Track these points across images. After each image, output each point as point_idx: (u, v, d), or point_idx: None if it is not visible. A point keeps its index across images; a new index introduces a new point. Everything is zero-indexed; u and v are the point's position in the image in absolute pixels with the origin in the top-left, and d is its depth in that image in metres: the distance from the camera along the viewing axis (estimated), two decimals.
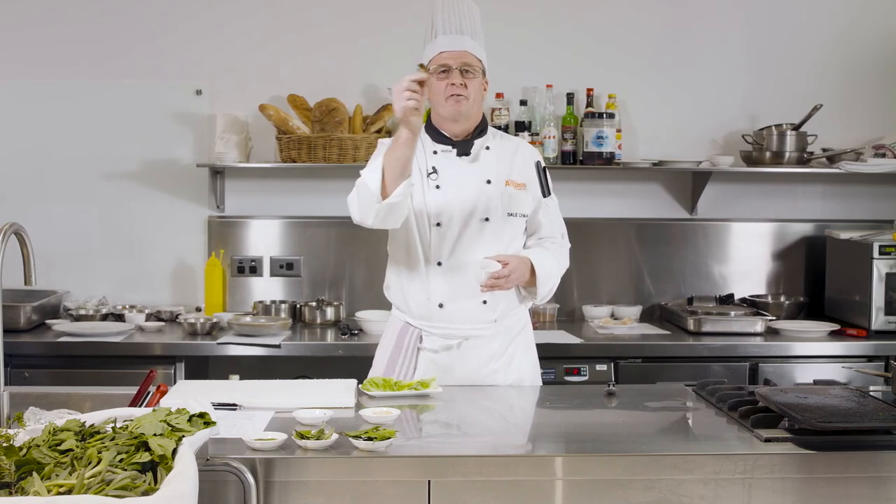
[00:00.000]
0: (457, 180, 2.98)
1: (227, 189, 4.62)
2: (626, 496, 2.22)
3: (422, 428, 2.60)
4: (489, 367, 3.00)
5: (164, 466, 1.87)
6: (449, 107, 2.97)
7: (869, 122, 4.71)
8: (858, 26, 4.72)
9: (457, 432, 2.59)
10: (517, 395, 2.91)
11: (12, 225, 2.45)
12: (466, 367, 2.99)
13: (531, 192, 3.05)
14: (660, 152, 4.61)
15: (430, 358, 3.01)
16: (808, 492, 2.26)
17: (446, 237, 2.96)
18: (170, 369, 3.92)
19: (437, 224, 2.96)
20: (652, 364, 4.02)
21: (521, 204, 3.03)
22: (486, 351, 3.01)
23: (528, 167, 3.08)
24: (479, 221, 2.96)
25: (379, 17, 4.58)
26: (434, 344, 3.01)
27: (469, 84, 2.95)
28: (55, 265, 4.43)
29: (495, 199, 2.99)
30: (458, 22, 2.97)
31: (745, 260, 4.72)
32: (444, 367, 2.98)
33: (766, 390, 2.63)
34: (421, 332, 3.02)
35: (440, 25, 2.98)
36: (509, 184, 3.01)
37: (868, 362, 4.03)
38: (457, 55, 2.95)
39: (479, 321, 2.99)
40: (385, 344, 3.11)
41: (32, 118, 4.56)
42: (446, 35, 2.97)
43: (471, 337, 2.99)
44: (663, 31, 4.67)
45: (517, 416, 2.76)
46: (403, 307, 3.06)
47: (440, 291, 2.98)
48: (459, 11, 2.98)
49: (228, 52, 4.57)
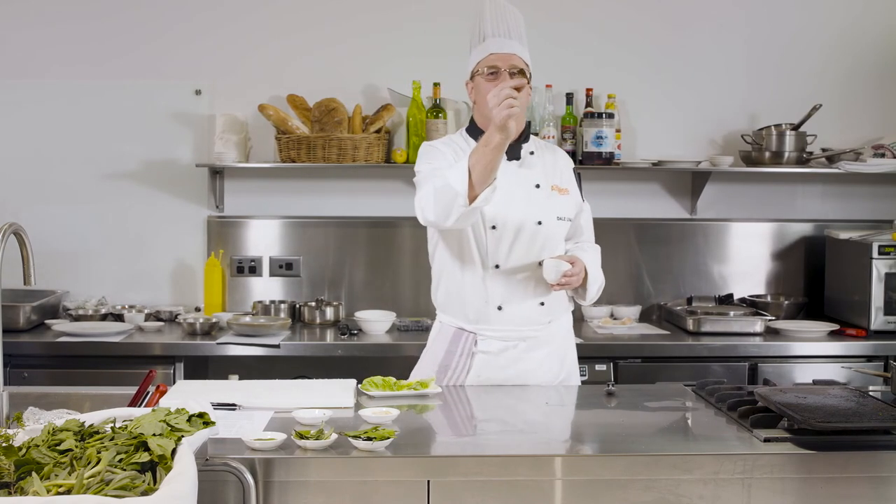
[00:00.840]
0: (508, 184, 2.97)
1: (226, 189, 4.62)
2: (626, 496, 2.22)
3: (421, 428, 2.59)
4: (543, 368, 3.03)
5: (164, 466, 1.87)
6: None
7: (868, 122, 4.71)
8: (858, 26, 4.72)
9: (456, 432, 2.59)
10: (517, 396, 2.90)
11: (12, 225, 2.45)
12: (521, 368, 3.01)
13: (573, 198, 3.11)
14: (659, 152, 4.61)
15: (485, 360, 3.02)
16: (808, 492, 2.26)
17: (502, 240, 2.98)
18: (169, 369, 3.92)
19: (493, 227, 2.98)
20: (651, 364, 4.02)
21: (567, 208, 3.08)
22: (541, 352, 3.04)
23: (569, 173, 3.15)
24: (533, 225, 2.99)
25: (379, 17, 4.58)
26: (491, 346, 3.02)
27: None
28: (55, 265, 4.43)
29: (545, 202, 3.03)
30: (507, 26, 3.00)
31: (744, 260, 4.72)
32: (500, 369, 3.01)
33: (765, 390, 2.63)
34: (476, 336, 3.03)
35: (489, 29, 2.99)
36: (554, 189, 3.07)
37: (867, 362, 4.03)
38: (505, 57, 2.97)
39: (536, 323, 3.02)
40: (435, 349, 3.10)
41: (32, 118, 4.56)
42: (495, 38, 2.98)
43: (528, 338, 3.02)
44: (663, 31, 4.67)
45: (517, 416, 2.76)
46: (458, 311, 3.05)
47: (498, 294, 2.99)
48: (506, 17, 3.01)
49: (228, 52, 4.58)
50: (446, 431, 2.61)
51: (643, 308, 4.59)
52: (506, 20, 3.00)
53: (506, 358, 3.01)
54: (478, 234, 2.99)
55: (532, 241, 2.99)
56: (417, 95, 4.43)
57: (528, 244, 2.99)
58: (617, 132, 4.51)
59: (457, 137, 3.13)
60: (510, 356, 3.01)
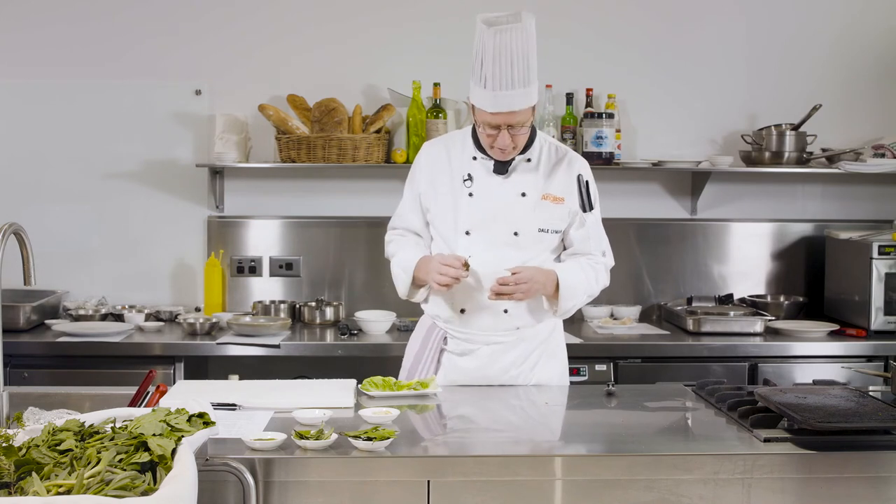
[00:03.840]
0: (490, 192, 2.97)
1: (226, 189, 4.62)
2: (626, 496, 2.22)
3: (421, 428, 2.59)
4: (509, 374, 3.02)
5: (164, 466, 1.87)
6: (494, 153, 2.94)
7: (868, 122, 4.71)
8: (858, 26, 4.72)
9: (456, 432, 2.59)
10: (518, 396, 2.91)
11: (12, 225, 2.45)
12: (487, 373, 3.00)
13: (568, 207, 3.00)
14: (659, 152, 4.61)
15: (452, 360, 3.03)
16: (808, 492, 2.26)
17: (473, 247, 2.96)
18: (169, 369, 3.92)
19: (467, 233, 2.97)
20: (651, 364, 4.02)
21: (555, 220, 2.99)
22: (507, 357, 3.01)
23: (570, 180, 3.02)
24: (508, 235, 2.96)
25: (378, 17, 4.58)
26: (457, 347, 3.03)
27: (516, 138, 2.89)
28: (55, 265, 4.44)
29: (528, 213, 2.97)
30: (510, 75, 2.77)
31: (744, 260, 4.72)
32: (465, 371, 3.01)
33: (765, 390, 2.63)
34: (446, 334, 3.04)
35: (489, 78, 2.78)
36: (546, 198, 2.98)
37: (867, 362, 4.03)
38: (505, 117, 2.82)
39: (499, 329, 3.00)
40: (413, 342, 3.14)
41: (32, 118, 4.56)
42: (495, 92, 2.78)
43: (491, 343, 3.00)
44: (663, 31, 4.67)
45: (517, 416, 2.76)
46: (433, 308, 3.07)
47: (462, 297, 2.98)
48: (511, 56, 2.77)
49: (228, 52, 4.57)
50: (446, 431, 2.61)
51: (643, 308, 4.59)
52: (509, 64, 2.77)
53: (470, 360, 3.01)
54: (452, 237, 2.99)
55: (506, 251, 2.95)
56: (417, 95, 4.43)
57: (501, 253, 2.94)
58: (617, 132, 4.51)
59: (458, 137, 3.11)
60: (475, 359, 3.01)
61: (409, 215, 3.11)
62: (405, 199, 3.13)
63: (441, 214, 3.02)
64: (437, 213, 3.03)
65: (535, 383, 3.03)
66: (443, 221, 3.02)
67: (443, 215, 3.01)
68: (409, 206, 3.11)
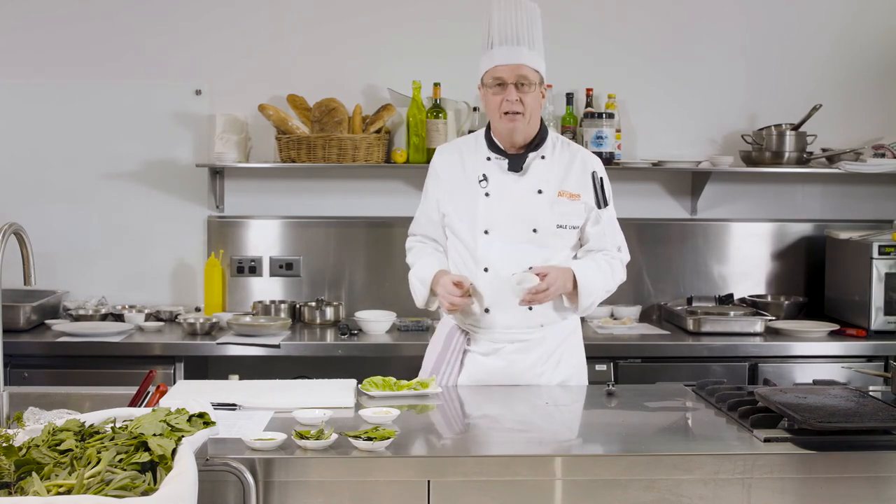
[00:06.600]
0: (506, 190, 2.98)
1: (226, 189, 4.62)
2: (626, 496, 2.22)
3: (421, 428, 2.59)
4: (534, 371, 3.02)
5: (164, 466, 1.87)
6: (504, 123, 2.95)
7: (868, 122, 4.71)
8: (858, 26, 4.72)
9: (456, 432, 2.59)
10: (518, 396, 2.91)
11: (12, 225, 2.45)
12: (512, 371, 3.01)
13: (584, 203, 3.02)
14: (659, 152, 4.61)
15: (477, 361, 3.03)
16: (808, 492, 2.26)
17: (493, 245, 2.97)
18: (169, 369, 3.92)
19: (486, 232, 2.98)
20: (651, 364, 4.02)
21: (572, 216, 3.01)
22: (532, 354, 3.02)
23: (585, 177, 3.04)
24: (528, 232, 2.97)
25: (379, 17, 4.58)
26: (481, 347, 3.03)
27: (525, 99, 2.91)
28: (55, 265, 4.44)
29: (545, 210, 2.98)
30: (515, 31, 2.88)
31: (744, 260, 4.72)
32: (491, 370, 3.01)
33: (765, 390, 2.63)
34: (468, 336, 3.04)
35: (496, 35, 2.90)
36: (562, 194, 3.00)
37: (867, 362, 4.03)
38: (512, 69, 2.88)
39: (524, 327, 3.01)
40: (433, 345, 3.13)
41: (32, 118, 4.56)
42: (502, 46, 2.89)
43: (516, 341, 3.01)
44: (663, 31, 4.67)
45: (517, 416, 2.76)
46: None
47: (486, 297, 2.98)
48: (516, 18, 2.89)
49: (228, 52, 4.57)
50: (446, 431, 2.61)
51: (643, 308, 4.59)
52: (514, 23, 2.89)
53: (495, 359, 3.01)
54: (471, 237, 3.00)
55: (526, 248, 2.96)
56: (417, 95, 4.43)
57: (521, 251, 2.96)
58: (617, 132, 4.51)
59: (471, 140, 3.12)
60: (499, 357, 3.01)
61: (427, 223, 3.15)
62: (422, 206, 3.17)
63: (459, 217, 3.03)
64: (454, 217, 3.04)
65: (559, 380, 3.04)
66: (461, 223, 3.02)
67: (461, 217, 3.02)
68: (426, 213, 3.15)
